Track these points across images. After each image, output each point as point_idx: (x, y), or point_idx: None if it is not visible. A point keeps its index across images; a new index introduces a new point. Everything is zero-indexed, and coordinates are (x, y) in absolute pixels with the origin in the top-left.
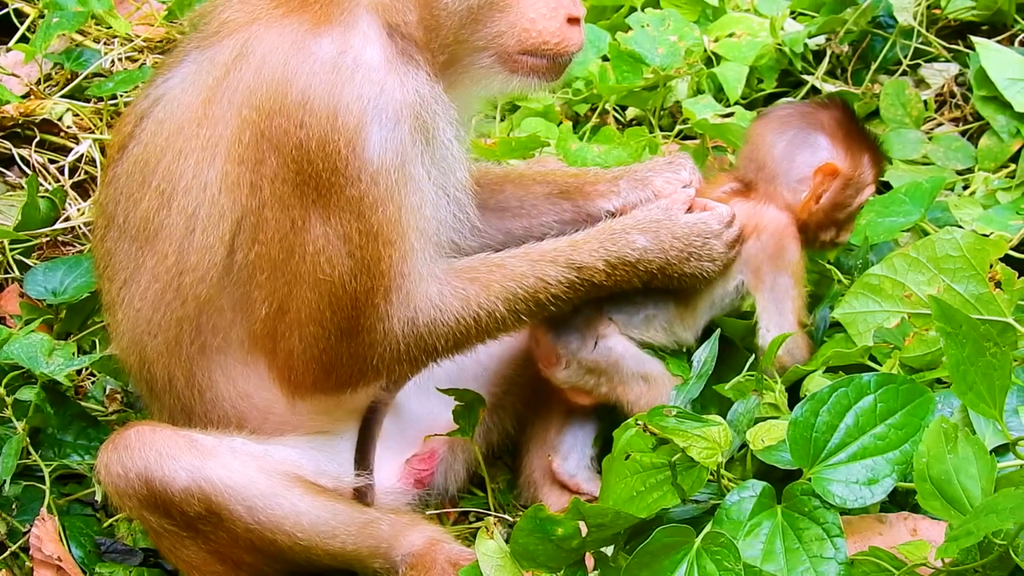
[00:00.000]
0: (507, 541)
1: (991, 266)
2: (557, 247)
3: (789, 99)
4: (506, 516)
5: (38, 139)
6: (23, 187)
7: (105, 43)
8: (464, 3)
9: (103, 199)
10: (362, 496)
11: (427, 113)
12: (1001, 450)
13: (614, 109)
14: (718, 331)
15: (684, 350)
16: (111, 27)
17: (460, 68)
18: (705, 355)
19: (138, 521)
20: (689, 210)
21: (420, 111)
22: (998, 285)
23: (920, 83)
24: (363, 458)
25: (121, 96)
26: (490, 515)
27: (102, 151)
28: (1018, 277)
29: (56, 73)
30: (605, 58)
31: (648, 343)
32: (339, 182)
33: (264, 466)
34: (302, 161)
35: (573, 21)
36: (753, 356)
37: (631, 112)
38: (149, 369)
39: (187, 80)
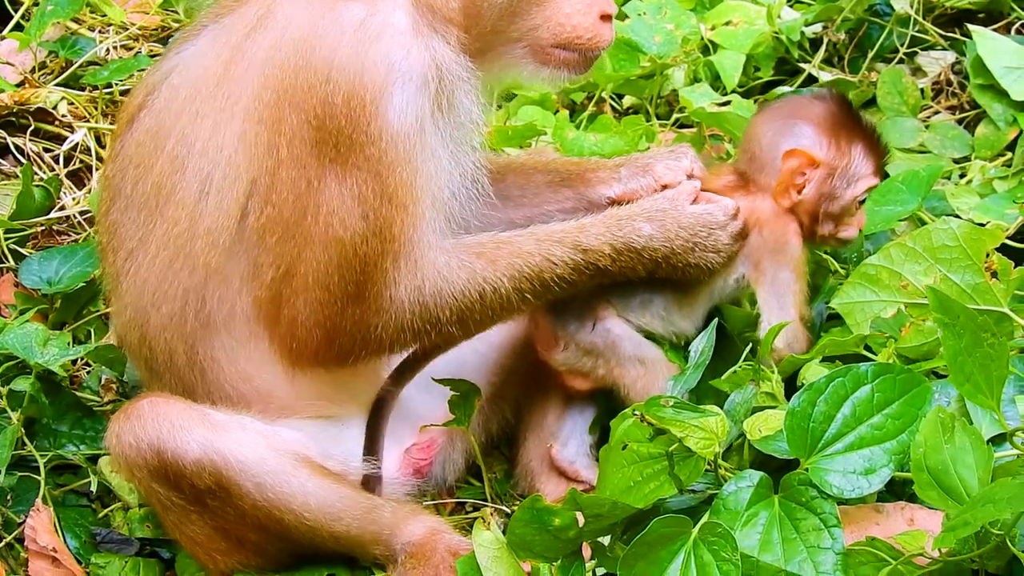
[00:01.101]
0: (504, 531)
1: (987, 256)
2: (564, 229)
3: (786, 87)
4: (503, 506)
5: (33, 128)
6: (18, 176)
7: (100, 31)
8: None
9: (109, 173)
10: (369, 485)
11: (450, 82)
12: (998, 440)
13: (611, 97)
14: (715, 321)
15: (683, 343)
16: (106, 15)
17: (493, 56)
18: (703, 345)
19: (145, 493)
20: (694, 202)
21: (444, 78)
22: (994, 275)
23: (917, 71)
24: (372, 446)
25: (116, 84)
26: (487, 505)
27: (97, 140)
28: (1015, 267)
29: (51, 61)
30: None
31: (646, 331)
32: (360, 140)
33: (274, 444)
34: (325, 117)
35: (606, 18)
36: (750, 346)
37: (628, 100)
38: (150, 345)
39: (204, 47)
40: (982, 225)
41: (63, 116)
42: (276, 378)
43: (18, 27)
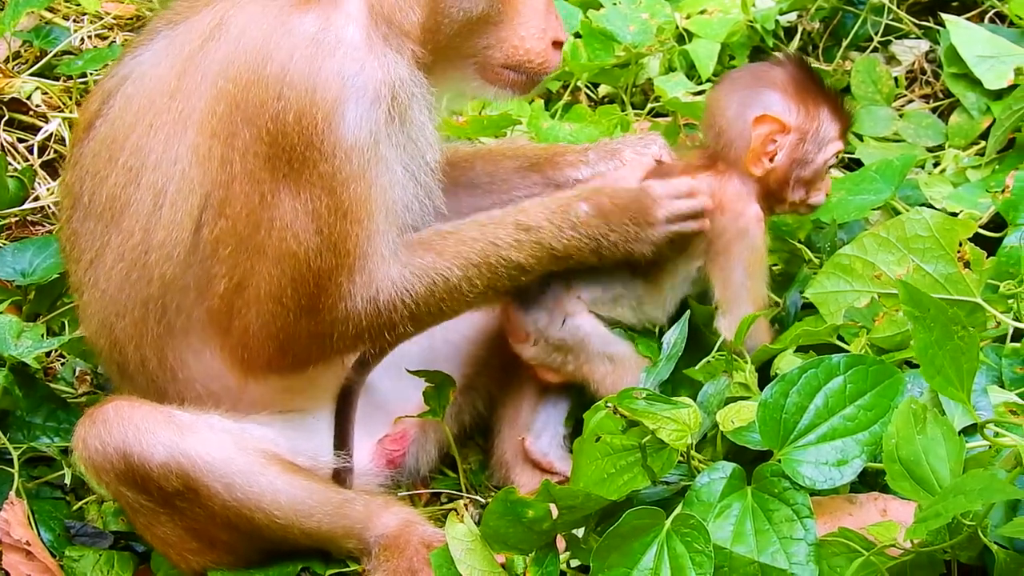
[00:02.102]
0: (479, 522)
1: (960, 246)
2: (506, 211)
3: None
4: (478, 497)
5: (7, 118)
6: None
7: (75, 20)
8: (466, 14)
9: (69, 180)
10: (340, 478)
11: (404, 95)
12: (970, 430)
13: (586, 87)
14: (688, 313)
15: (656, 329)
16: (80, 5)
17: (443, 68)
18: (675, 336)
19: (114, 497)
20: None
21: (398, 92)
22: (967, 265)
23: (891, 60)
24: (342, 440)
25: (91, 74)
26: (462, 496)
27: (71, 130)
28: (987, 256)
29: (25, 51)
30: (577, 35)
31: (619, 322)
32: (313, 156)
33: (242, 443)
34: (277, 133)
35: (557, 44)
36: (723, 337)
37: (603, 90)
38: (120, 351)
39: (158, 55)
40: (955, 214)
41: (37, 106)
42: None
43: None
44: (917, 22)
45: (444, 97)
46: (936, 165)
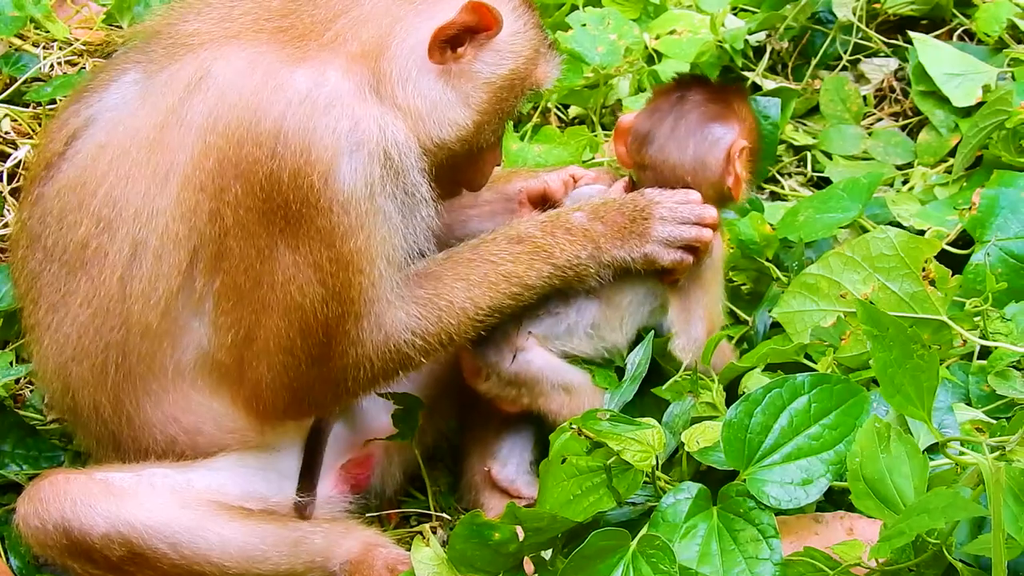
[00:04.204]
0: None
1: (925, 264)
2: (496, 230)
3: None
4: (447, 516)
5: None
6: None
7: (44, 47)
8: (452, 156)
9: (26, 217)
10: (302, 510)
11: (397, 154)
12: (935, 448)
13: (556, 108)
14: (652, 333)
15: (617, 358)
16: (49, 32)
17: None
18: (639, 357)
19: (63, 568)
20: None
21: (390, 149)
22: (932, 283)
23: (860, 78)
24: (309, 479)
25: (60, 100)
26: (431, 518)
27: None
28: (952, 274)
29: None
30: None
31: (575, 356)
32: (309, 213)
33: (186, 499)
34: (271, 190)
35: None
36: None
37: (574, 111)
38: (73, 396)
39: (132, 103)
40: (922, 232)
41: (6, 133)
42: (201, 417)
43: None
44: (886, 40)
45: None
46: (905, 183)
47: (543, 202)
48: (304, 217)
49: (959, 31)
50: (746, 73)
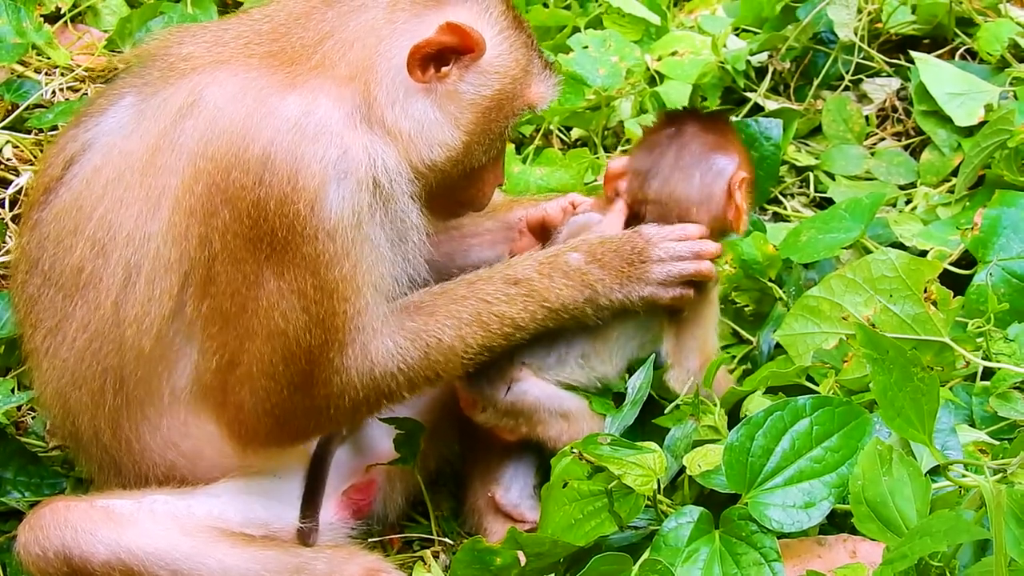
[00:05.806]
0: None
1: (927, 286)
2: (493, 268)
3: (732, 117)
4: (450, 541)
5: None
6: None
7: (46, 74)
8: (446, 176)
9: (25, 243)
10: (304, 535)
11: (387, 181)
12: (937, 471)
13: (558, 130)
14: (652, 357)
15: (612, 386)
16: (51, 58)
17: None
18: (640, 381)
19: None
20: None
21: (379, 177)
22: (934, 304)
23: (862, 98)
24: (312, 507)
25: (62, 127)
26: (433, 541)
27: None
28: (954, 295)
29: None
30: None
31: (569, 384)
32: (295, 240)
33: (186, 526)
34: (258, 218)
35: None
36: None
37: (576, 133)
38: (73, 422)
39: (127, 126)
40: (925, 252)
41: (8, 160)
42: (200, 443)
43: None
44: (888, 60)
45: None
46: (908, 203)
47: (543, 229)
48: (290, 244)
49: (961, 50)
50: (748, 94)
